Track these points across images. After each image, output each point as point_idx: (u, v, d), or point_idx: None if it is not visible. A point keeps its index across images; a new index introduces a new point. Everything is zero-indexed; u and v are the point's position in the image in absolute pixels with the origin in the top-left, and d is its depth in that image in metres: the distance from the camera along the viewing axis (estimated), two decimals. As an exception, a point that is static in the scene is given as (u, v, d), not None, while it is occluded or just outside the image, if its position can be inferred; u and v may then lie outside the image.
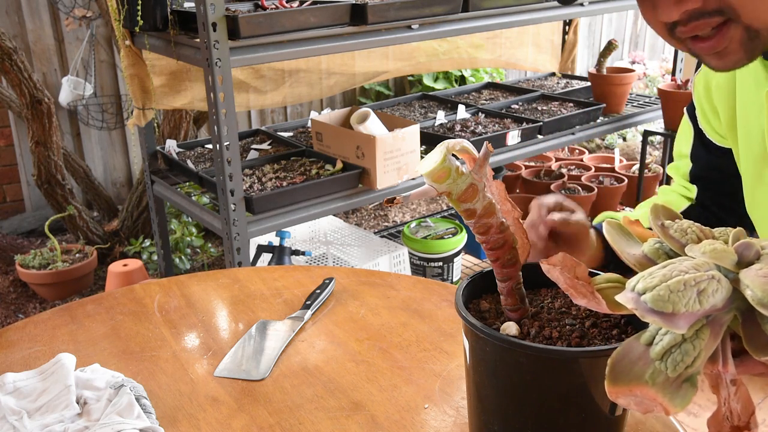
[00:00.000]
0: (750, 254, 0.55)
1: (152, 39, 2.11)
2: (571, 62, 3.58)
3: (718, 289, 0.51)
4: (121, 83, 3.49)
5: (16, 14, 3.19)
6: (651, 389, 0.51)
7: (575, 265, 0.62)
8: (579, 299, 0.59)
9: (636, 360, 0.53)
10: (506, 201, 0.73)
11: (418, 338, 1.01)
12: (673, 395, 0.51)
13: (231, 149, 1.89)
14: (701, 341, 0.52)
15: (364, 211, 3.80)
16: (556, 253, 0.82)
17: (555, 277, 0.61)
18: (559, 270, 0.61)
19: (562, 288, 0.60)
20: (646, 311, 0.50)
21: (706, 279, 0.51)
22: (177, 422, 0.85)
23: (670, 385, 0.51)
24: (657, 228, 0.60)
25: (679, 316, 0.50)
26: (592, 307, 0.59)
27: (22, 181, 3.41)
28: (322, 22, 1.94)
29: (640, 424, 0.83)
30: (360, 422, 0.83)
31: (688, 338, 0.52)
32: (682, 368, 0.51)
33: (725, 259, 0.54)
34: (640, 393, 0.52)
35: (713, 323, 0.53)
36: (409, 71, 3.18)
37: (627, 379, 0.52)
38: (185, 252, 3.02)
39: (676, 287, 0.50)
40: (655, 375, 0.52)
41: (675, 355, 0.52)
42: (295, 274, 1.22)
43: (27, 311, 2.77)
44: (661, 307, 0.50)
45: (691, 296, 0.50)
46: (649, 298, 0.50)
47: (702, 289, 0.51)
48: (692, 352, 0.51)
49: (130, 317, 1.09)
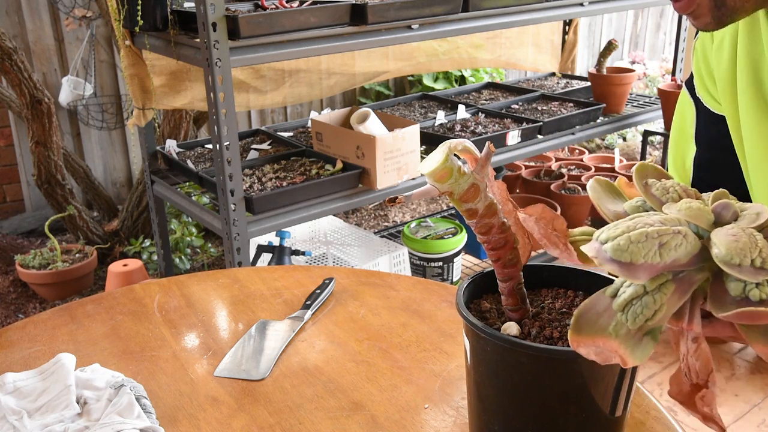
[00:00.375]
0: (727, 215, 0.55)
1: (152, 39, 2.11)
2: (571, 62, 3.58)
3: (682, 244, 0.51)
4: (121, 83, 3.49)
5: (16, 14, 3.19)
6: (614, 341, 0.52)
7: (553, 218, 0.62)
8: (552, 249, 0.60)
9: (601, 312, 0.54)
10: (508, 201, 0.73)
11: (418, 338, 1.01)
12: (633, 347, 0.52)
13: (231, 149, 1.89)
14: (663, 295, 0.52)
15: (364, 211, 3.80)
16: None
17: (530, 226, 0.61)
18: (535, 219, 0.61)
19: (536, 237, 0.61)
20: (605, 260, 0.50)
21: (670, 233, 0.51)
22: (177, 422, 0.85)
23: (632, 338, 0.52)
24: (640, 186, 0.60)
25: (638, 266, 0.50)
26: (564, 257, 0.59)
27: (22, 181, 3.41)
28: (322, 22, 1.94)
29: (639, 424, 0.83)
30: (360, 422, 0.83)
31: (650, 291, 0.52)
32: (642, 321, 0.52)
33: (701, 218, 0.54)
34: (602, 344, 0.52)
35: (681, 280, 0.53)
36: (409, 71, 3.18)
37: (591, 330, 0.53)
38: (185, 252, 3.02)
39: (637, 238, 0.50)
40: (618, 327, 0.52)
41: (636, 307, 0.52)
42: (295, 274, 1.22)
43: (27, 311, 2.77)
44: (619, 256, 0.50)
45: (651, 248, 0.50)
46: (609, 248, 0.50)
47: (664, 242, 0.51)
48: (652, 306, 0.52)
49: (130, 317, 1.09)
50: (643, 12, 5.77)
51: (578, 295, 0.77)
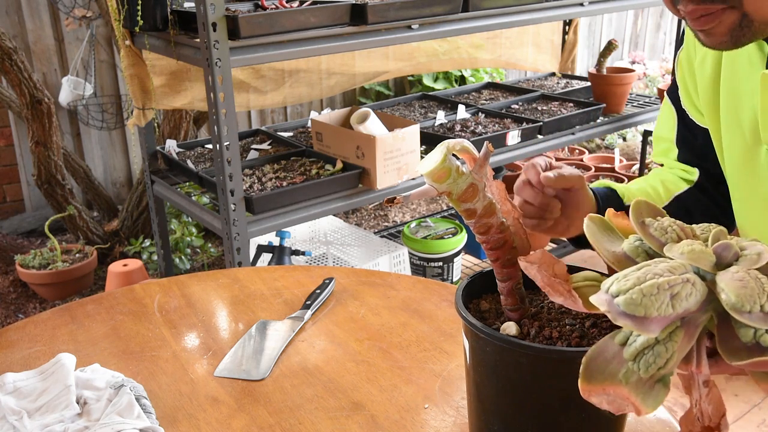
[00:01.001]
0: (728, 255, 0.54)
1: (152, 39, 2.11)
2: (571, 62, 3.58)
3: (692, 293, 0.51)
4: (121, 83, 3.49)
5: (16, 14, 3.19)
6: (624, 388, 0.51)
7: (553, 263, 0.61)
8: (556, 297, 0.59)
9: (610, 359, 0.53)
10: (506, 201, 0.73)
11: (418, 338, 1.01)
12: (645, 395, 0.51)
13: (231, 149, 1.89)
14: (674, 343, 0.51)
15: (364, 211, 3.80)
16: (558, 212, 0.82)
17: (532, 274, 0.60)
18: (537, 268, 0.60)
19: (540, 286, 0.60)
20: (618, 314, 0.49)
21: (680, 282, 0.51)
22: (177, 422, 0.85)
23: (643, 386, 0.51)
24: (637, 226, 0.59)
25: (651, 320, 0.49)
26: (569, 305, 0.59)
27: (22, 181, 3.41)
28: (322, 22, 1.94)
29: (639, 424, 0.83)
30: (360, 422, 0.83)
31: (661, 340, 0.51)
32: (655, 369, 0.51)
33: (703, 261, 0.53)
34: (613, 392, 0.51)
35: (688, 324, 0.52)
36: (410, 71, 3.18)
37: (601, 378, 0.52)
38: (185, 252, 3.02)
39: (649, 291, 0.50)
40: (629, 375, 0.52)
41: (648, 356, 0.51)
42: (295, 274, 1.22)
43: (27, 311, 2.77)
44: (633, 310, 0.49)
45: (663, 300, 0.50)
46: (622, 302, 0.50)
47: (675, 293, 0.50)
48: (665, 354, 0.51)
49: (130, 317, 1.09)
50: (643, 12, 5.77)
51: (578, 295, 0.77)
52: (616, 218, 0.64)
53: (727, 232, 0.58)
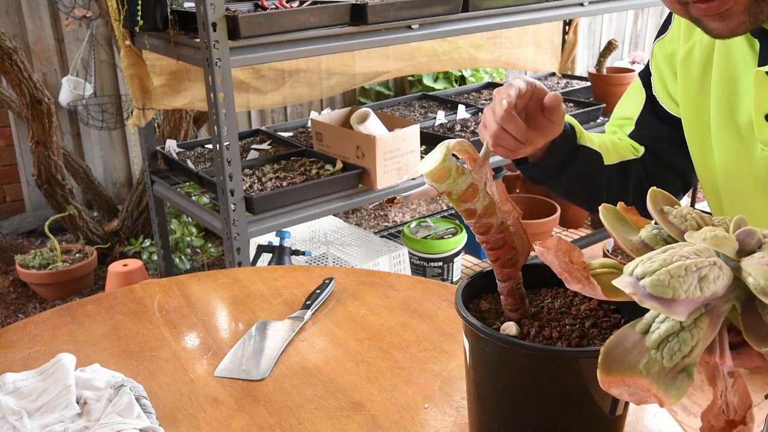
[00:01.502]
0: (752, 242, 0.53)
1: (152, 39, 2.11)
2: (571, 62, 3.57)
3: (720, 276, 0.49)
4: (121, 83, 3.49)
5: (16, 14, 3.19)
6: (645, 379, 0.49)
7: (570, 250, 0.59)
8: (573, 284, 0.57)
9: (630, 349, 0.51)
10: (506, 201, 0.73)
11: (418, 338, 1.01)
12: (668, 386, 0.49)
13: (231, 149, 1.89)
14: (699, 330, 0.49)
15: (364, 211, 3.80)
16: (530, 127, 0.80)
17: (549, 260, 0.59)
18: (554, 253, 0.59)
19: (556, 272, 0.58)
20: (644, 296, 0.47)
21: (708, 265, 0.49)
22: (177, 422, 0.85)
23: (665, 376, 0.49)
24: (656, 214, 0.58)
25: (679, 302, 0.47)
26: (587, 293, 0.57)
27: (22, 181, 3.41)
28: (322, 22, 1.94)
29: (640, 424, 0.83)
30: (360, 422, 0.83)
31: (687, 327, 0.49)
32: (679, 358, 0.49)
33: (726, 246, 0.52)
34: (633, 383, 0.50)
35: (712, 312, 0.50)
36: (410, 71, 3.18)
37: (621, 369, 0.50)
38: (185, 252, 3.02)
39: (677, 272, 0.48)
40: (650, 365, 0.50)
41: (672, 344, 0.49)
42: (295, 274, 1.22)
43: (27, 311, 2.77)
44: (661, 292, 0.47)
45: (692, 282, 0.48)
46: (649, 283, 0.48)
47: (703, 276, 0.48)
48: (690, 342, 0.49)
49: (130, 317, 1.09)
50: (643, 12, 5.77)
51: (577, 295, 0.77)
52: (626, 212, 0.64)
53: (746, 221, 0.57)
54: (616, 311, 0.74)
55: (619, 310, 0.74)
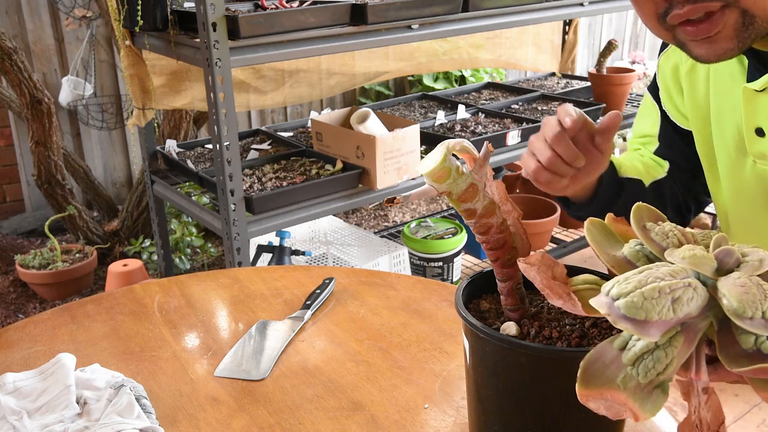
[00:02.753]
0: (730, 261, 0.54)
1: (152, 39, 2.11)
2: (571, 62, 3.58)
3: (694, 298, 0.50)
4: (121, 83, 3.49)
5: (16, 14, 3.19)
6: (622, 394, 0.51)
7: (553, 265, 0.61)
8: (555, 300, 0.58)
9: (608, 364, 0.52)
10: (506, 201, 0.73)
11: (418, 338, 1.01)
12: (643, 401, 0.51)
13: (231, 149, 1.89)
14: (674, 349, 0.51)
15: (364, 211, 3.80)
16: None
17: (531, 276, 0.60)
18: (536, 269, 0.60)
19: (539, 288, 0.59)
20: (618, 317, 0.49)
21: (681, 287, 0.50)
22: (177, 422, 0.85)
23: (641, 391, 0.51)
24: (639, 230, 0.59)
25: (652, 324, 0.49)
26: (568, 308, 0.58)
27: (22, 181, 3.41)
28: (322, 22, 1.94)
29: (639, 424, 0.83)
30: (360, 422, 0.83)
31: (661, 345, 0.51)
32: (654, 375, 0.51)
33: (704, 266, 0.53)
34: (610, 397, 0.51)
35: (688, 330, 0.52)
36: (410, 71, 3.18)
37: (599, 383, 0.52)
38: (185, 252, 3.02)
39: (650, 294, 0.49)
40: (627, 380, 0.51)
41: (647, 361, 0.51)
42: (295, 274, 1.22)
43: (27, 311, 2.77)
44: (634, 314, 0.49)
45: (665, 304, 0.49)
46: (623, 305, 0.49)
47: (677, 297, 0.50)
48: (664, 360, 0.51)
49: (130, 317, 1.09)
50: (643, 12, 5.76)
51: (578, 295, 0.77)
52: (615, 223, 0.64)
53: (727, 239, 0.58)
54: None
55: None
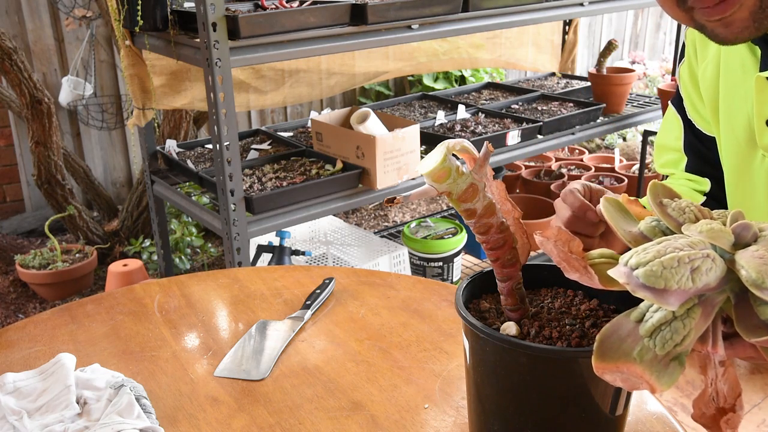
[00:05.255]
0: (747, 235, 0.54)
1: (152, 39, 2.11)
2: (571, 62, 3.58)
3: (712, 268, 0.50)
4: (121, 83, 3.49)
5: (16, 14, 3.19)
6: (638, 366, 0.51)
7: (570, 239, 0.60)
8: (571, 273, 0.58)
9: (625, 337, 0.52)
10: (506, 201, 0.73)
11: (418, 338, 1.01)
12: (660, 373, 0.51)
13: (231, 149, 1.89)
14: (692, 320, 0.51)
15: (364, 211, 3.80)
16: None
17: (548, 249, 0.60)
18: (553, 243, 0.60)
19: (555, 261, 0.59)
20: (637, 286, 0.49)
21: (700, 257, 0.50)
22: (177, 422, 0.85)
23: (658, 363, 0.51)
24: (655, 206, 0.59)
25: (671, 292, 0.49)
26: (585, 281, 0.58)
27: (22, 181, 3.41)
28: (322, 22, 1.94)
29: (640, 424, 0.83)
30: (360, 422, 0.83)
31: (679, 316, 0.51)
32: (671, 346, 0.51)
33: (722, 239, 0.53)
34: (627, 370, 0.51)
35: (705, 303, 0.52)
36: (410, 71, 3.18)
37: (615, 356, 0.52)
38: (185, 252, 3.02)
39: (669, 263, 0.50)
40: (643, 352, 0.51)
41: (665, 332, 0.51)
42: (295, 274, 1.22)
43: (27, 311, 2.77)
44: (653, 282, 0.49)
45: (684, 273, 0.49)
46: (642, 273, 0.49)
47: (696, 267, 0.50)
48: (682, 331, 0.51)
49: (130, 317, 1.09)
50: (643, 12, 5.77)
51: (577, 295, 0.77)
52: (630, 204, 0.64)
53: (744, 214, 0.57)
54: (616, 311, 0.74)
55: (619, 310, 0.74)
